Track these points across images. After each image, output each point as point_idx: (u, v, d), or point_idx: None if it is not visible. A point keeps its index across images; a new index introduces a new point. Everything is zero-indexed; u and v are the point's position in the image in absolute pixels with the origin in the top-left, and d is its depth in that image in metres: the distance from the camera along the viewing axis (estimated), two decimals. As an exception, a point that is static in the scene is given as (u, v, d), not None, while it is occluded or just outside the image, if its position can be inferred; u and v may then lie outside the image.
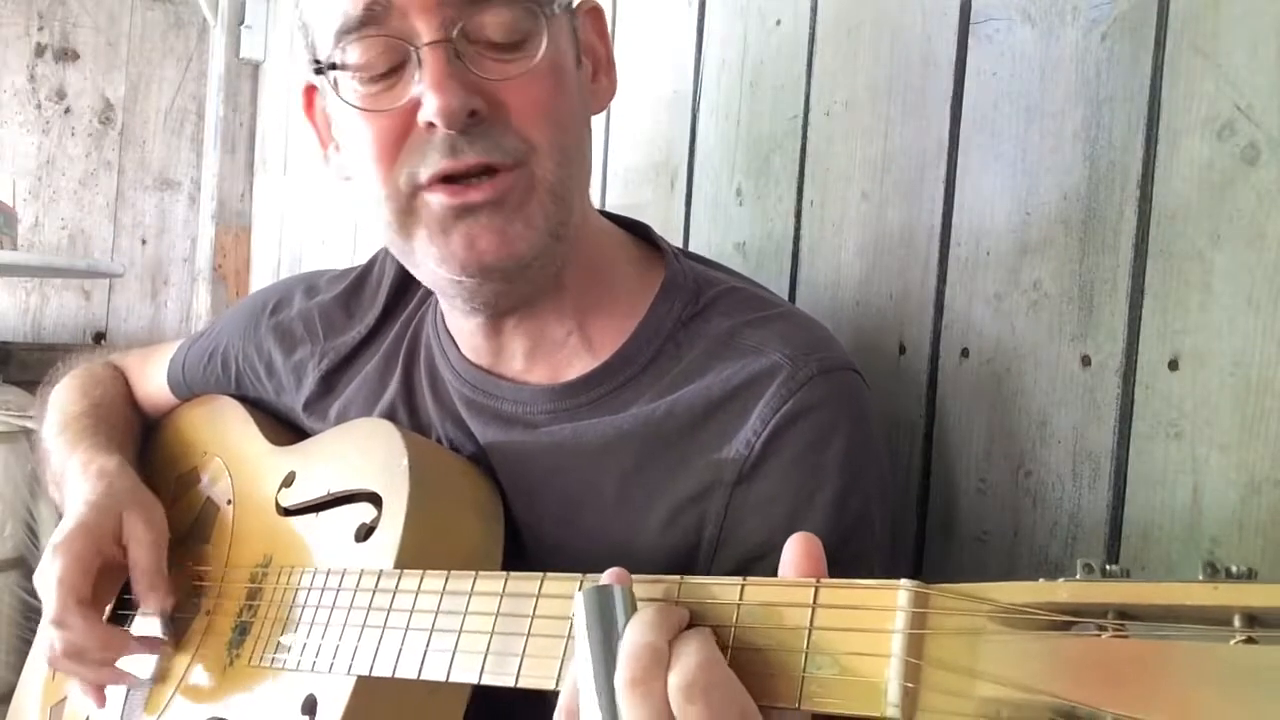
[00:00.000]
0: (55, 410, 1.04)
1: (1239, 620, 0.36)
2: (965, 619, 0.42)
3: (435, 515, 0.71)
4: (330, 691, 0.67)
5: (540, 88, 0.69)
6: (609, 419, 0.74)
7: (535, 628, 0.56)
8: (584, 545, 0.74)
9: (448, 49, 0.66)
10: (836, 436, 0.70)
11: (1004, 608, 0.41)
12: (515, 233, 0.69)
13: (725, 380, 0.72)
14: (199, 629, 0.82)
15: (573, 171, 0.71)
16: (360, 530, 0.74)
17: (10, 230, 2.09)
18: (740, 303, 0.77)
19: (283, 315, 0.96)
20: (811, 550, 0.49)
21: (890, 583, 0.44)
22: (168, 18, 2.62)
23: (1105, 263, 0.73)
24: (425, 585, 0.64)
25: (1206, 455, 0.66)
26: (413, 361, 0.86)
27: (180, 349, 1.06)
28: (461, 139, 0.66)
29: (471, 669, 0.58)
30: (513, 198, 0.68)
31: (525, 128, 0.68)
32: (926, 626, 0.42)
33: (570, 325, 0.77)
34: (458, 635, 0.60)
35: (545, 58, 0.68)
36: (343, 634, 0.67)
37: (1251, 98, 0.64)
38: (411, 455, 0.73)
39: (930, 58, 0.87)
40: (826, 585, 0.47)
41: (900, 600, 0.44)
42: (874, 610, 0.44)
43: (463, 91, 0.66)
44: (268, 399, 0.97)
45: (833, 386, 0.71)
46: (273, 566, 0.79)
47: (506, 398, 0.78)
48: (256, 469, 0.90)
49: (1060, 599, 0.40)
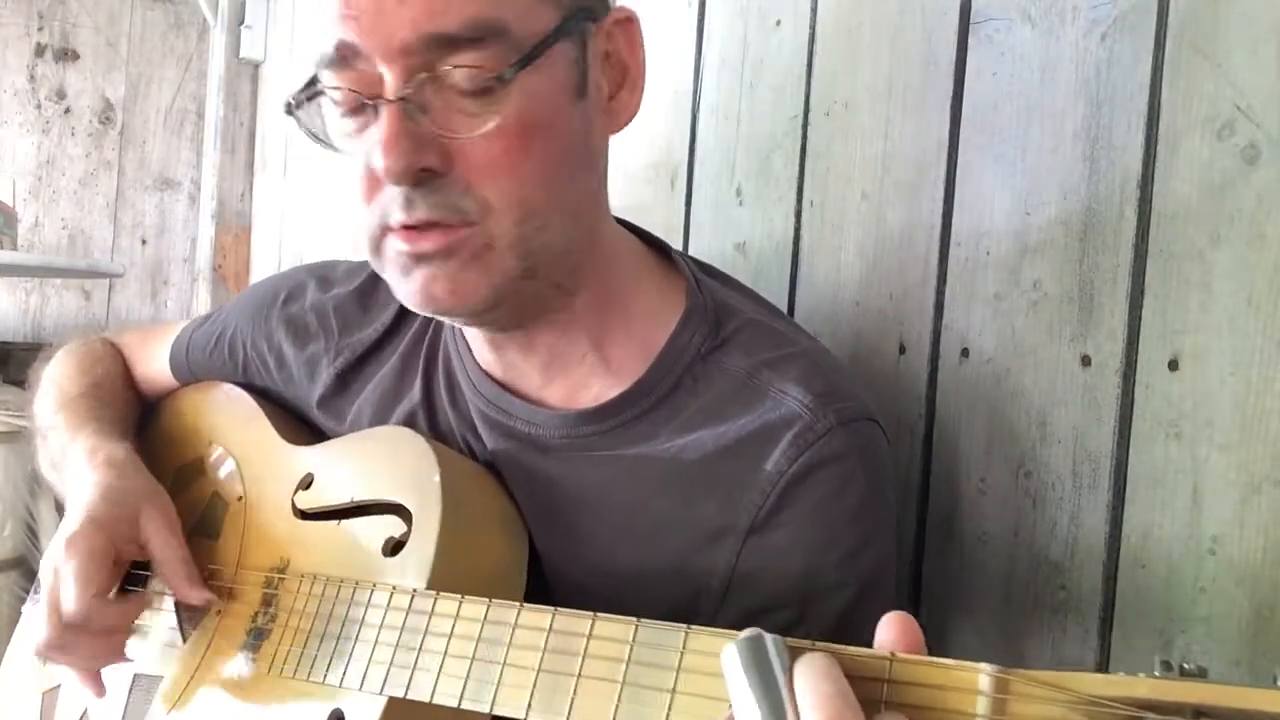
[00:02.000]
0: (52, 386, 1.01)
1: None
2: (1048, 708, 0.41)
3: (466, 533, 0.70)
4: (359, 710, 0.66)
5: (503, 147, 0.65)
6: (621, 452, 0.73)
7: (586, 669, 0.55)
8: (586, 575, 0.74)
9: (403, 107, 0.64)
10: (853, 489, 0.69)
11: (1085, 698, 0.41)
12: (468, 281, 0.68)
13: (741, 426, 0.71)
14: (209, 628, 0.81)
15: (547, 221, 0.68)
16: (389, 544, 0.72)
17: (10, 230, 2.09)
18: (760, 339, 0.75)
19: (295, 307, 0.94)
20: (909, 629, 0.46)
21: (971, 665, 0.43)
22: (168, 18, 2.62)
23: (1105, 263, 0.73)
24: (465, 611, 0.63)
25: (1206, 455, 0.66)
26: (433, 365, 0.85)
27: (184, 331, 1.03)
28: (415, 193, 0.65)
29: (518, 705, 0.57)
30: (464, 251, 0.67)
31: (482, 187, 0.66)
32: (1006, 713, 0.42)
33: (585, 345, 0.76)
34: (501, 667, 0.59)
35: (511, 115, 0.65)
36: (373, 651, 0.66)
37: (1251, 98, 0.64)
38: (444, 470, 0.72)
39: (930, 58, 0.87)
40: (901, 660, 0.45)
41: (982, 684, 0.43)
42: (954, 691, 0.43)
43: (412, 151, 0.64)
44: (276, 390, 0.95)
45: (851, 438, 0.69)
46: (290, 571, 0.78)
47: (520, 417, 0.77)
48: (268, 466, 0.88)
49: (1140, 694, 0.39)
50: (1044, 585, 0.77)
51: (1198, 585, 0.67)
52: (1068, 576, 0.75)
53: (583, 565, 0.74)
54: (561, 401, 0.77)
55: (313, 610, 0.73)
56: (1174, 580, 0.68)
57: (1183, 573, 0.67)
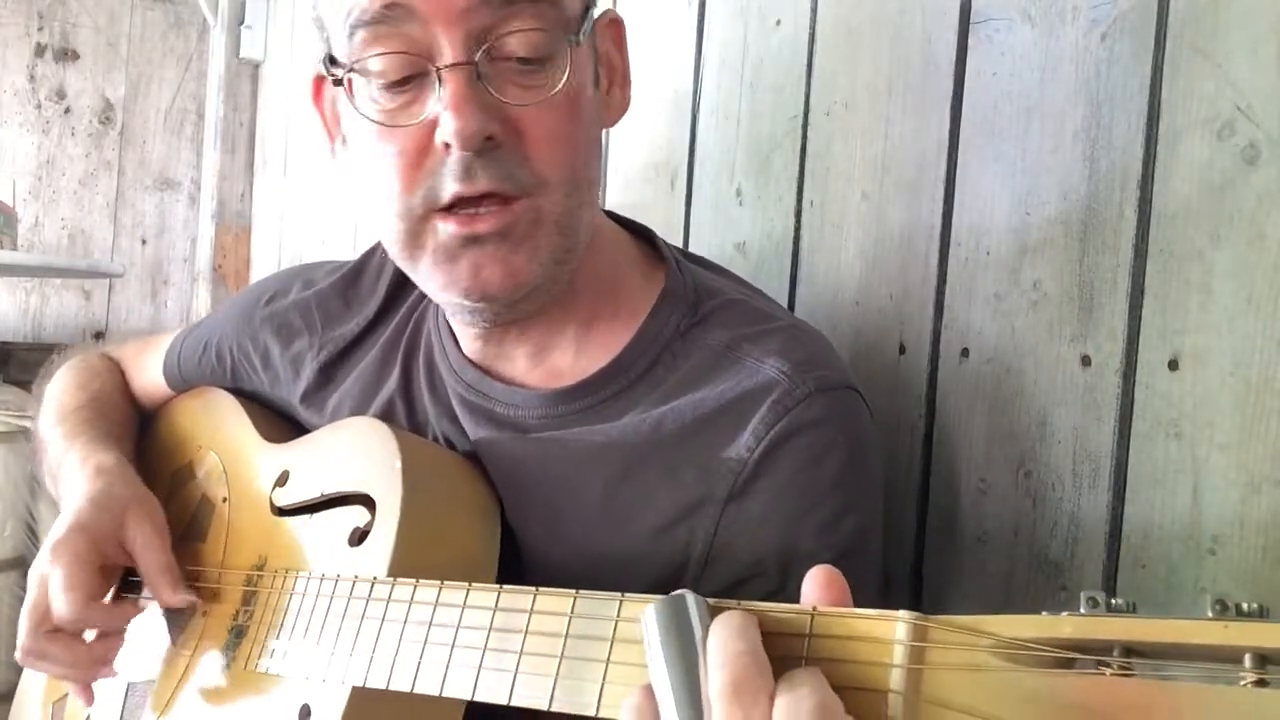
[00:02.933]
0: (52, 402, 1.03)
1: (1250, 660, 0.35)
2: (966, 654, 0.40)
3: (429, 519, 0.70)
4: (326, 701, 0.66)
5: (557, 117, 0.68)
6: (599, 427, 0.74)
7: (528, 645, 0.55)
8: (569, 552, 0.73)
9: (470, 70, 0.65)
10: (832, 455, 0.68)
11: (1005, 641, 0.40)
12: (519, 264, 0.69)
13: (720, 394, 0.71)
14: (195, 630, 0.81)
15: (581, 200, 0.71)
16: (354, 534, 0.73)
17: (10, 230, 2.09)
18: (740, 315, 0.76)
19: (278, 305, 0.94)
20: (833, 582, 0.47)
21: (889, 614, 0.43)
22: (168, 18, 2.62)
23: (1105, 263, 0.73)
24: (418, 596, 0.63)
25: (1206, 455, 0.66)
26: (412, 356, 0.86)
27: (175, 341, 1.05)
28: (476, 162, 0.66)
29: (465, 684, 0.57)
30: (518, 230, 0.68)
31: (539, 160, 0.68)
32: (925, 661, 0.41)
33: (575, 331, 0.77)
34: (450, 649, 0.59)
35: (566, 85, 0.67)
36: (336, 643, 0.67)
37: (1251, 98, 0.64)
38: (405, 457, 0.72)
39: (930, 58, 0.87)
40: (823, 614, 0.45)
41: (899, 633, 0.42)
42: (872, 641, 0.43)
43: (481, 115, 0.65)
44: (263, 391, 0.96)
45: (830, 405, 0.69)
46: (268, 569, 0.79)
47: (500, 399, 0.78)
48: (250, 466, 0.89)
49: (1064, 634, 0.39)
50: (1044, 585, 0.77)
51: (1198, 585, 0.67)
52: (1068, 576, 0.75)
53: (563, 546, 0.74)
54: (542, 383, 0.78)
55: (283, 606, 0.73)
56: (1174, 580, 0.68)
57: (1183, 573, 0.67)
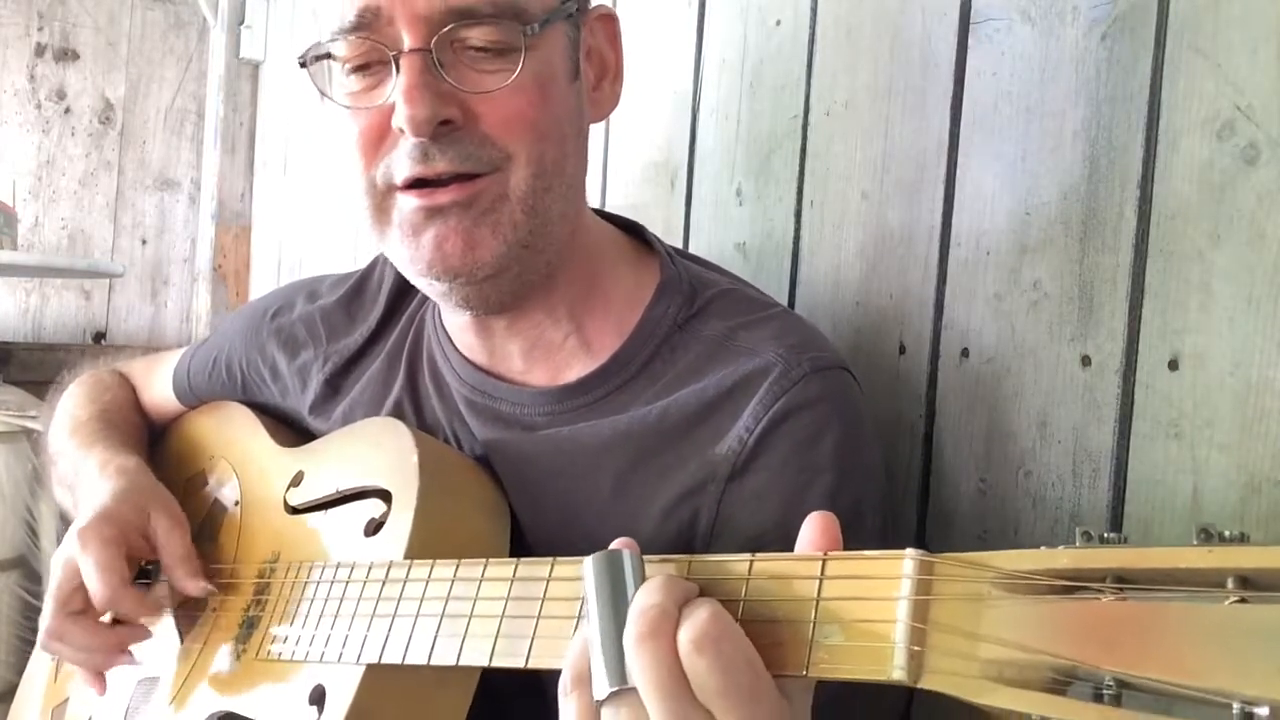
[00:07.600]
0: (64, 415, 1.05)
1: (1232, 582, 0.37)
2: (969, 585, 0.43)
3: (444, 510, 0.72)
4: (339, 681, 0.67)
5: (519, 103, 0.69)
6: (606, 420, 0.75)
7: (546, 609, 0.57)
8: (583, 545, 0.74)
9: (426, 58, 0.67)
10: (828, 433, 0.70)
11: (1006, 574, 0.42)
12: (480, 237, 0.70)
13: (720, 381, 0.73)
14: (206, 624, 0.82)
15: (552, 184, 0.71)
16: (370, 525, 0.74)
17: (10, 230, 2.09)
18: (735, 304, 0.78)
19: (284, 319, 0.96)
20: (828, 527, 0.50)
21: (896, 552, 0.46)
22: (168, 18, 2.62)
23: (1105, 263, 0.73)
24: (436, 574, 0.64)
25: (1206, 455, 0.66)
26: (416, 362, 0.87)
27: (184, 356, 1.07)
28: (433, 146, 0.68)
29: (482, 652, 0.59)
30: (481, 201, 0.69)
31: (501, 136, 0.69)
32: (931, 593, 0.44)
33: (568, 328, 0.78)
34: (468, 620, 0.60)
35: (527, 72, 0.69)
36: (352, 624, 0.68)
37: (1251, 98, 0.64)
38: (421, 451, 0.73)
39: (930, 58, 0.87)
40: (834, 557, 0.48)
41: (906, 569, 0.45)
42: (880, 579, 0.45)
43: (434, 101, 0.67)
44: (274, 402, 0.98)
45: (825, 385, 0.72)
46: (281, 563, 0.80)
47: (505, 399, 0.79)
48: (264, 470, 0.90)
49: (1060, 565, 0.41)
50: (1044, 585, 0.77)
51: (1198, 585, 0.67)
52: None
53: (576, 539, 0.74)
54: (544, 381, 0.79)
55: (297, 595, 0.75)
56: (1174, 580, 0.68)
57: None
